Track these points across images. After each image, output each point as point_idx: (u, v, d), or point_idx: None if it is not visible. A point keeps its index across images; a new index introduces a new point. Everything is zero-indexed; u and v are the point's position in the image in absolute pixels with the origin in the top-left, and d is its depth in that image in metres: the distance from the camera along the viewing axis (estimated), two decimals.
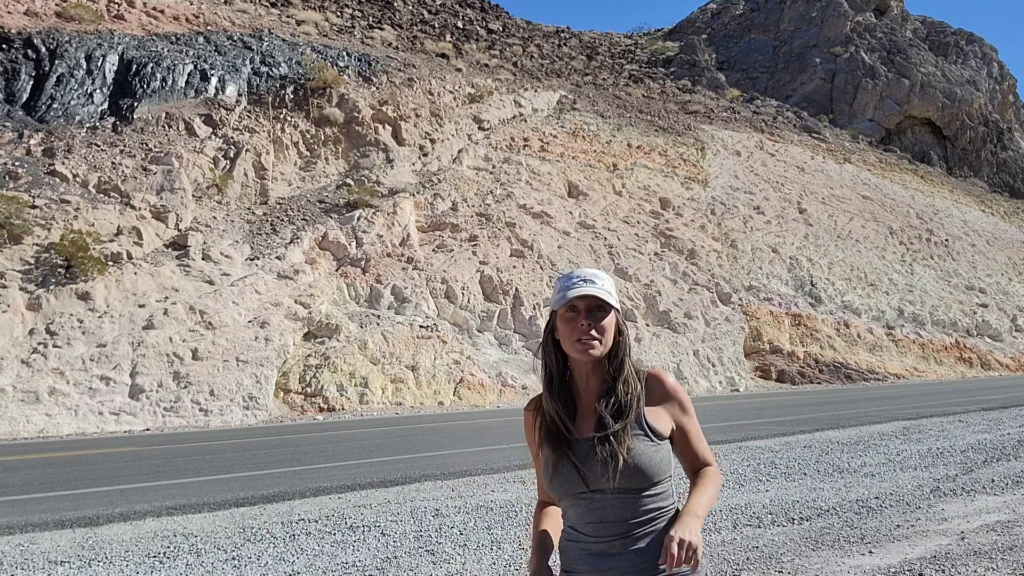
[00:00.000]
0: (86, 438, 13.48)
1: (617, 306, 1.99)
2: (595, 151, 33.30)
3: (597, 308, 1.96)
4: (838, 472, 8.37)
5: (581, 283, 1.97)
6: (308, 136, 25.23)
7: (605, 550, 1.92)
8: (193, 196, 21.03)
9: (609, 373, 1.98)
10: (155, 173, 20.83)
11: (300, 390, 17.24)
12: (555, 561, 2.01)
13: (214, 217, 21.00)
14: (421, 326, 19.76)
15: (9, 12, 23.89)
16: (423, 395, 18.27)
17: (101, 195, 19.66)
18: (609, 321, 1.97)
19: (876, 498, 6.97)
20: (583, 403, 2.01)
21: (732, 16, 66.53)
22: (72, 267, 16.70)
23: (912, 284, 34.98)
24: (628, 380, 1.97)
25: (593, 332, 1.94)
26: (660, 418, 1.99)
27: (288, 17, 34.60)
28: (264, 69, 26.39)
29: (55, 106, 21.71)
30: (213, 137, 23.17)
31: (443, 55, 37.59)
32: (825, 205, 38.74)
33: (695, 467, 2.06)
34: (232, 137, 23.40)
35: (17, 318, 15.57)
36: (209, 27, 28.11)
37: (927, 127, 60.49)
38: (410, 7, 46.30)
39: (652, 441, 1.94)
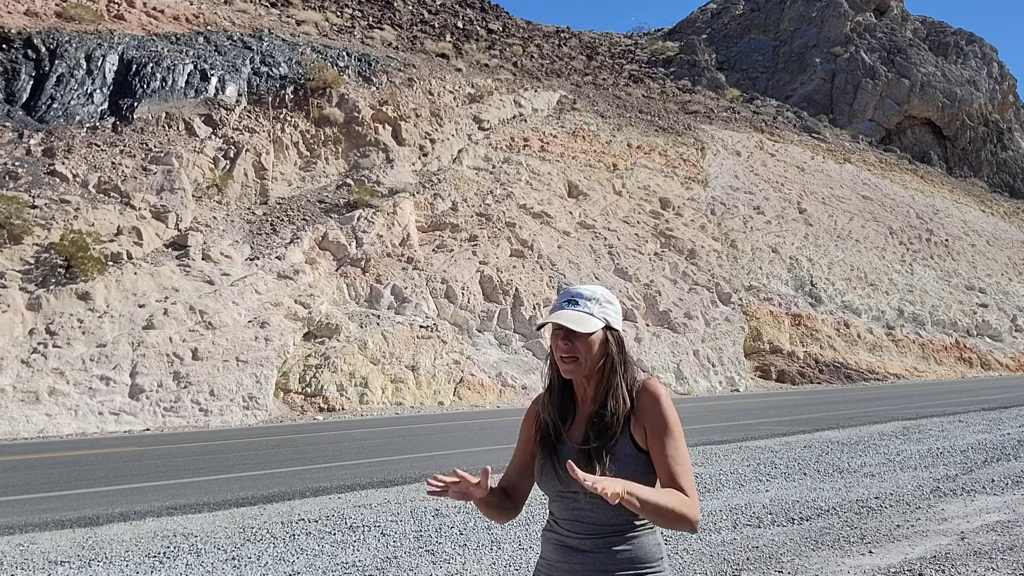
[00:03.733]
0: (86, 438, 13.47)
1: (597, 328, 1.99)
2: (595, 151, 33.29)
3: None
4: (838, 472, 8.37)
5: (564, 304, 2.03)
6: (308, 136, 25.23)
7: (577, 546, 2.00)
8: (193, 196, 21.03)
9: (602, 387, 2.03)
10: (155, 173, 20.83)
11: (300, 390, 17.24)
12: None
13: (214, 217, 21.00)
14: (421, 326, 19.75)
15: (9, 12, 23.88)
16: (423, 395, 18.27)
17: (101, 195, 19.66)
18: (590, 341, 1.99)
19: (876, 498, 6.98)
20: (581, 411, 2.07)
21: (732, 16, 66.50)
22: (72, 267, 16.69)
23: (912, 284, 34.97)
24: (616, 397, 2.00)
25: (569, 354, 1.99)
26: (641, 431, 2.00)
27: (288, 17, 34.59)
28: (264, 69, 26.38)
29: (55, 106, 21.70)
30: (213, 137, 23.17)
31: (443, 55, 37.57)
32: (825, 205, 38.74)
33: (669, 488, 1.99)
34: (232, 137, 23.40)
35: (17, 318, 15.57)
36: (209, 27, 28.10)
37: (927, 127, 60.48)
38: (410, 7, 46.29)
39: (636, 452, 1.97)
